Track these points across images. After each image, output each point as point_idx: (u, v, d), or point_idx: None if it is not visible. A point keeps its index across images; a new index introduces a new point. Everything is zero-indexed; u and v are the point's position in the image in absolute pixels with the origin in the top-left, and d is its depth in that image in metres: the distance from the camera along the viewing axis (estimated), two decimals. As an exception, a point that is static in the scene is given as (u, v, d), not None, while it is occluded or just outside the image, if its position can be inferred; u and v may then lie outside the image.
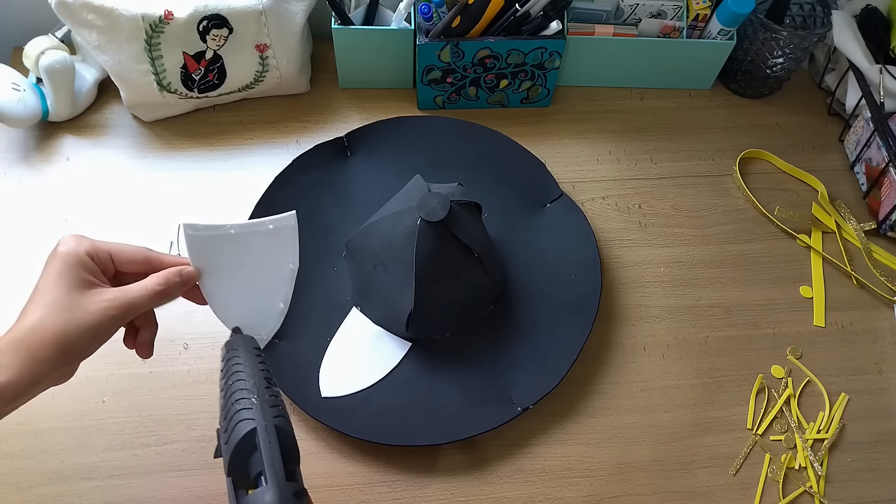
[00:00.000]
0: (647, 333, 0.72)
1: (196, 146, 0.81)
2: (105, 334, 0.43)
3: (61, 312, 0.41)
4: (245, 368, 0.43)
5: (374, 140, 0.79)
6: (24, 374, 0.39)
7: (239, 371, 0.42)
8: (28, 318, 0.41)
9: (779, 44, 0.82)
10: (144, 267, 0.46)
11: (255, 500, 0.36)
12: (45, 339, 0.40)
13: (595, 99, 0.89)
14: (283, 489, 0.36)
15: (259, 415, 0.39)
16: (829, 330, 0.73)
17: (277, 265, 0.50)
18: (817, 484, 0.64)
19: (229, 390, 0.42)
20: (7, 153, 0.79)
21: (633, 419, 0.67)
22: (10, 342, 0.40)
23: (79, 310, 0.41)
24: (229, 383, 0.42)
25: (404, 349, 0.68)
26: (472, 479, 0.63)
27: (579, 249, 0.73)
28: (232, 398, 0.41)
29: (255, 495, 0.37)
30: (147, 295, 0.44)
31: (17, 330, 0.41)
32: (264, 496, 0.36)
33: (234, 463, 0.39)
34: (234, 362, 0.43)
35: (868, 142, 0.80)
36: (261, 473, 0.37)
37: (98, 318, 0.42)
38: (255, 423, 0.39)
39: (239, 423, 0.39)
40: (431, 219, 0.62)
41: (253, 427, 0.38)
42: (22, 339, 0.40)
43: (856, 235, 0.79)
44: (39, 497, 0.60)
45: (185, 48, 0.75)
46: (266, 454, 0.38)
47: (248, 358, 0.44)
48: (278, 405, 0.41)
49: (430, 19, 0.78)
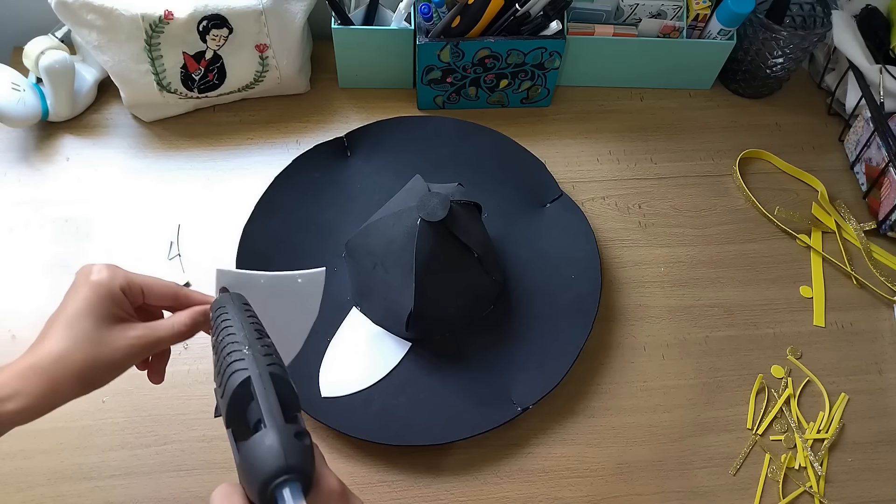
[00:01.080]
0: (647, 333, 0.72)
1: (196, 146, 0.81)
2: (126, 368, 0.44)
3: (88, 347, 0.41)
4: (234, 322, 0.42)
5: (374, 140, 0.79)
6: (44, 401, 0.40)
7: (228, 326, 0.42)
8: (53, 345, 0.41)
9: (779, 44, 0.82)
10: (172, 303, 0.47)
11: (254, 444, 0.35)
12: (69, 371, 0.40)
13: (595, 99, 0.89)
14: (282, 430, 0.35)
15: (252, 364, 0.38)
16: (829, 330, 0.73)
17: (298, 317, 0.50)
18: (817, 484, 0.64)
19: (220, 345, 0.41)
20: (7, 153, 0.79)
21: (633, 419, 0.67)
22: (32, 368, 0.40)
23: (106, 345, 0.42)
24: (219, 339, 0.42)
25: (404, 349, 0.68)
26: (472, 479, 0.63)
27: (579, 249, 0.73)
28: (223, 352, 0.40)
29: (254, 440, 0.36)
30: (174, 334, 0.45)
31: (42, 356, 0.41)
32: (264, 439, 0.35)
33: (231, 414, 0.38)
34: (222, 318, 0.43)
35: (868, 142, 0.80)
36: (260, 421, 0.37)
37: (124, 355, 0.42)
38: (249, 371, 0.38)
39: (233, 375, 0.38)
40: (431, 219, 0.62)
41: (247, 376, 0.38)
42: (46, 367, 0.40)
43: (856, 235, 0.79)
44: (39, 497, 0.60)
45: (185, 48, 0.75)
46: (262, 400, 0.37)
47: (237, 313, 0.43)
48: (271, 354, 0.40)
49: (430, 19, 0.78)
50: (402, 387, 0.65)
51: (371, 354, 0.67)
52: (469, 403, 0.65)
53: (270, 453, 0.34)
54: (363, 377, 0.66)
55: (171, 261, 0.73)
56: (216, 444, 0.63)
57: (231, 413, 0.38)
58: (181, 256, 0.73)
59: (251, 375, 0.38)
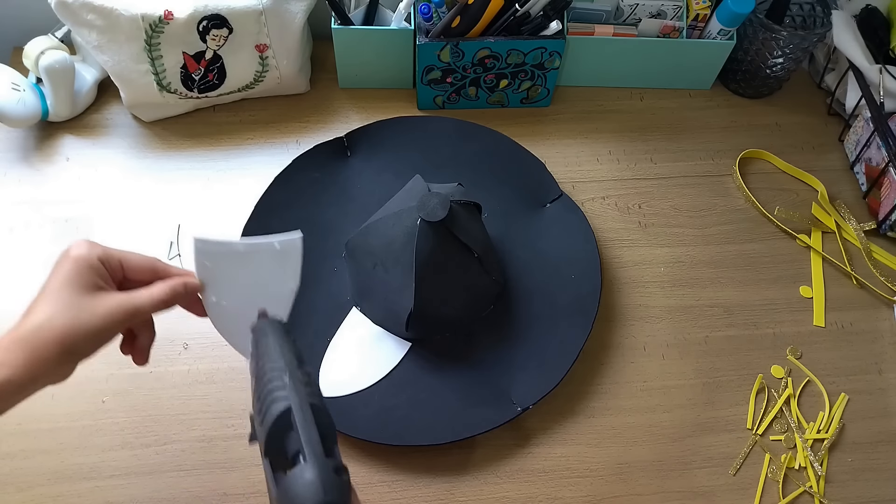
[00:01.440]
0: (647, 333, 0.72)
1: (196, 146, 0.81)
2: (108, 337, 0.44)
3: (68, 313, 0.42)
4: (275, 349, 0.42)
5: (374, 140, 0.79)
6: (26, 371, 0.40)
7: (268, 353, 0.42)
8: (34, 317, 0.42)
9: (779, 44, 0.82)
10: (152, 276, 0.47)
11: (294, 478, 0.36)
12: (49, 338, 0.41)
13: (595, 99, 0.89)
14: (322, 465, 0.35)
15: (293, 393, 0.38)
16: (829, 330, 0.73)
17: (279, 284, 0.50)
18: (817, 484, 0.64)
19: (260, 372, 0.41)
20: (7, 153, 0.79)
21: (633, 419, 0.67)
22: (14, 340, 0.41)
23: (85, 312, 0.42)
24: (259, 365, 0.42)
25: (404, 349, 0.68)
26: (472, 479, 0.63)
27: (579, 249, 0.73)
28: (263, 379, 0.40)
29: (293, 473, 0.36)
30: (152, 302, 0.45)
31: (23, 328, 0.41)
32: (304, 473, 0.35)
33: (270, 444, 0.38)
34: (262, 344, 0.43)
35: (868, 142, 0.80)
36: (299, 452, 0.37)
37: (103, 321, 0.43)
38: (290, 401, 0.38)
39: (273, 404, 0.38)
40: (431, 219, 0.62)
41: (288, 406, 0.38)
42: (26, 337, 0.41)
43: (856, 235, 0.79)
44: (39, 497, 0.60)
45: (185, 48, 0.75)
46: (303, 432, 0.37)
47: (277, 339, 0.43)
48: (312, 383, 0.40)
49: (430, 19, 0.78)
50: (402, 387, 0.65)
51: (371, 354, 0.67)
52: (469, 403, 0.65)
53: (310, 489, 0.34)
54: (363, 377, 0.66)
55: (171, 261, 0.73)
56: (216, 444, 0.63)
57: (270, 442, 0.38)
58: (181, 256, 0.73)
59: (292, 405, 0.38)
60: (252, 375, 0.43)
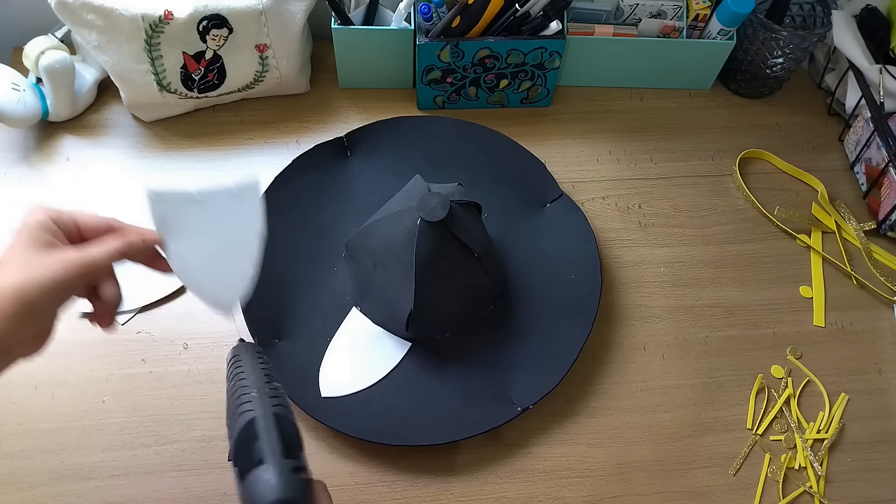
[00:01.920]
0: (647, 333, 0.72)
1: (196, 146, 0.81)
2: (64, 291, 0.43)
3: (23, 269, 0.42)
4: (246, 368, 0.45)
5: (374, 140, 0.79)
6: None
7: (241, 372, 0.45)
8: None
9: (779, 44, 0.82)
10: (109, 234, 0.47)
11: (255, 478, 0.38)
12: (5, 294, 0.41)
13: (595, 99, 0.89)
14: (280, 465, 0.38)
15: (258, 405, 0.41)
16: (829, 330, 0.73)
17: (242, 229, 0.49)
18: (817, 484, 0.64)
19: (231, 391, 0.44)
20: (7, 153, 0.79)
21: (633, 419, 0.67)
22: None
23: (38, 266, 0.42)
24: (232, 383, 0.45)
25: (404, 349, 0.68)
26: (472, 479, 0.63)
27: (579, 249, 0.73)
28: (234, 395, 0.43)
29: (254, 474, 0.38)
30: (106, 253, 0.45)
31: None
32: (263, 474, 0.38)
33: (237, 452, 0.40)
34: (236, 366, 0.46)
35: (868, 142, 0.80)
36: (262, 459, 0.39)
37: (56, 274, 0.42)
38: (255, 412, 0.40)
39: (241, 416, 0.41)
40: (431, 219, 0.62)
41: (253, 416, 0.40)
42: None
43: (856, 235, 0.79)
44: (39, 497, 0.60)
45: (185, 48, 0.75)
46: (265, 439, 0.39)
47: (249, 359, 0.46)
48: (278, 396, 0.43)
49: (430, 19, 0.78)
50: (402, 387, 0.65)
51: (371, 354, 0.67)
52: (469, 403, 0.65)
53: (267, 486, 0.37)
54: (363, 377, 0.66)
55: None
56: (216, 444, 0.63)
57: (238, 451, 0.41)
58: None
59: (256, 416, 0.40)
60: (227, 395, 0.45)
